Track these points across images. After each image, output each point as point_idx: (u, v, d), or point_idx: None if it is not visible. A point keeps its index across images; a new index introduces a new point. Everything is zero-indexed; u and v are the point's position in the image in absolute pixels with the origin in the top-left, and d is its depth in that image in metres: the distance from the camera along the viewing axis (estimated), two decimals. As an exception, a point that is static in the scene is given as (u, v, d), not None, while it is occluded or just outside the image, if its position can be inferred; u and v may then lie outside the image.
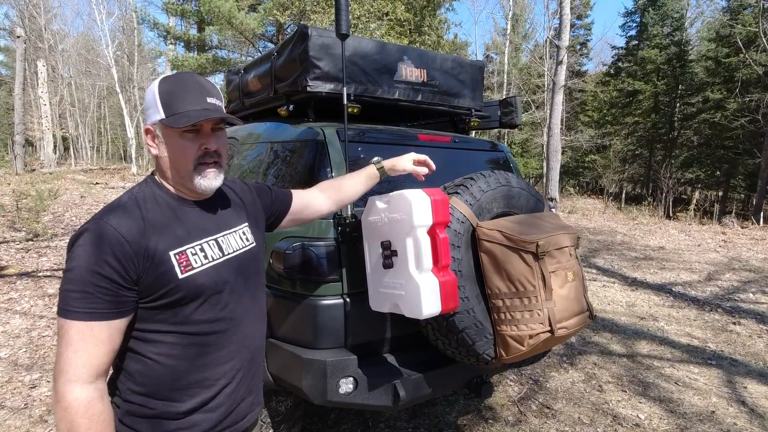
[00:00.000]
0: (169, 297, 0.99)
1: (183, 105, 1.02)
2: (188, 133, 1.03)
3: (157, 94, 1.03)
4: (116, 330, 0.96)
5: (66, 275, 0.94)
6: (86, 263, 0.92)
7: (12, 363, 3.30)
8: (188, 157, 1.04)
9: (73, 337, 0.91)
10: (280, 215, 1.41)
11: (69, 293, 0.92)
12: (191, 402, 1.04)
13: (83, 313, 0.92)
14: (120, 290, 0.94)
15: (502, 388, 3.22)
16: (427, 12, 14.84)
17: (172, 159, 1.05)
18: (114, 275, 0.93)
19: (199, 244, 1.06)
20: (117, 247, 0.93)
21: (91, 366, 0.92)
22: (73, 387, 0.90)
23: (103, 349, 0.93)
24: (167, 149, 1.05)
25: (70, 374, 0.90)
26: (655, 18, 22.99)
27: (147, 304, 0.99)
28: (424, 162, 1.65)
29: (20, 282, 5.01)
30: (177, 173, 1.06)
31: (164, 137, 1.05)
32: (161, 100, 1.02)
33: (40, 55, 21.95)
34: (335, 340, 1.91)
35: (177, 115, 1.01)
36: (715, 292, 5.90)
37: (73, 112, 29.97)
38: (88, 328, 0.92)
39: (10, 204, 8.04)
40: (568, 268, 1.87)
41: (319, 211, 1.52)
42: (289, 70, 2.42)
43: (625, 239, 9.99)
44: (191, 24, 21.24)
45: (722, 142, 19.27)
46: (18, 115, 16.41)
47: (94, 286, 0.92)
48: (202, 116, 1.01)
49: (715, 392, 3.27)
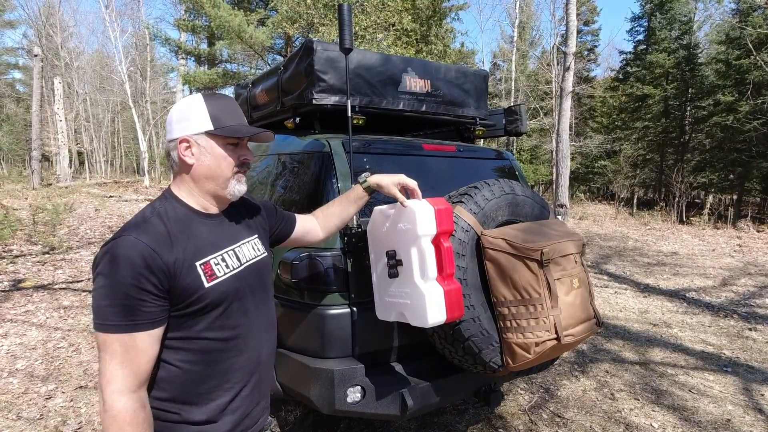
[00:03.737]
0: (195, 305, 1.05)
1: (230, 120, 1.13)
2: (231, 145, 1.13)
3: (203, 106, 1.11)
4: (156, 338, 1.01)
5: (100, 291, 0.97)
6: (122, 278, 0.96)
7: (28, 374, 3.36)
8: (230, 165, 1.14)
9: (117, 350, 0.96)
10: (282, 236, 1.48)
11: (107, 308, 0.96)
12: (212, 405, 1.09)
13: (125, 325, 0.96)
14: (157, 300, 0.99)
15: (513, 396, 3.20)
16: (433, 22, 14.96)
17: (214, 167, 1.12)
18: (150, 287, 0.98)
19: (221, 254, 1.12)
20: (150, 260, 0.98)
21: (135, 375, 0.97)
22: (121, 397, 0.95)
23: (145, 358, 0.99)
24: (210, 158, 1.12)
25: (118, 384, 0.95)
26: (663, 22, 22.87)
27: (175, 312, 1.04)
28: (412, 190, 1.56)
29: (36, 294, 5.11)
30: (213, 181, 1.13)
31: (208, 147, 1.11)
32: (210, 113, 1.11)
33: (56, 72, 22.54)
34: (343, 350, 1.92)
35: (229, 127, 1.12)
36: (731, 298, 5.79)
37: (88, 127, 30.64)
38: (132, 340, 0.97)
39: (27, 218, 8.22)
40: (573, 275, 1.87)
41: (317, 238, 1.59)
42: (295, 84, 2.47)
43: (637, 245, 9.87)
44: (202, 39, 21.64)
45: (735, 145, 18.95)
46: (35, 131, 16.83)
47: (133, 299, 0.96)
48: (252, 131, 1.14)
49: (730, 400, 3.21)
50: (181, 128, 1.11)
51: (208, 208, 1.16)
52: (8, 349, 3.76)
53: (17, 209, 9.28)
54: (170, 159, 1.15)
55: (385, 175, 1.58)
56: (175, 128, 1.11)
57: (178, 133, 1.11)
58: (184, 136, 1.10)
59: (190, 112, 1.11)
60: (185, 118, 1.11)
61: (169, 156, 1.15)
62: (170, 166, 1.16)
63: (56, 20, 23.83)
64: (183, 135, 1.10)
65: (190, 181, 1.13)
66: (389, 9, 12.21)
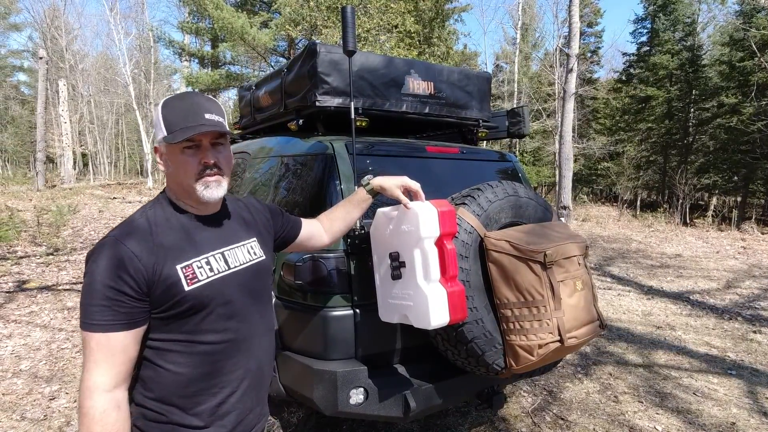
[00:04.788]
0: (176, 308, 1.05)
1: (181, 122, 1.06)
2: (188, 149, 1.08)
3: (160, 113, 1.09)
4: (132, 340, 1.01)
5: (83, 289, 1.00)
6: (102, 278, 0.98)
7: (32, 375, 3.37)
8: (189, 172, 1.08)
9: (93, 348, 0.97)
10: (288, 240, 1.47)
11: (88, 307, 0.98)
12: (199, 409, 1.09)
13: (101, 325, 0.98)
14: (133, 302, 1.00)
15: (516, 398, 3.19)
16: (436, 23, 14.96)
17: (176, 174, 1.10)
18: (127, 288, 0.99)
19: (206, 258, 1.11)
20: (129, 262, 1.00)
21: (109, 375, 0.98)
22: (92, 394, 0.96)
23: (120, 359, 0.99)
24: (172, 165, 1.10)
25: (89, 383, 0.96)
26: (666, 24, 22.80)
27: (157, 314, 1.05)
28: (415, 192, 1.57)
29: (41, 296, 5.14)
30: (182, 187, 1.11)
31: (168, 154, 1.10)
32: (164, 119, 1.08)
33: (61, 74, 22.66)
34: (345, 351, 1.92)
35: (175, 132, 1.06)
36: (735, 300, 5.76)
37: (92, 128, 30.79)
38: (106, 339, 0.98)
39: (31, 219, 8.27)
40: (576, 277, 1.86)
41: (322, 243, 1.58)
42: (298, 86, 2.48)
43: (640, 247, 9.83)
44: (205, 41, 21.74)
45: (739, 147, 18.85)
46: (40, 132, 16.93)
47: (110, 300, 0.98)
48: (196, 131, 1.05)
49: (735, 403, 3.19)
50: (155, 135, 1.13)
51: (197, 209, 1.15)
52: (12, 350, 3.78)
53: (22, 211, 9.33)
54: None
55: (388, 177, 1.58)
56: (155, 135, 1.14)
57: (156, 140, 1.14)
58: (155, 144, 1.13)
59: (154, 119, 1.12)
60: (154, 125, 1.13)
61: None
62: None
63: (61, 23, 23.96)
64: (156, 143, 1.13)
65: (172, 185, 1.14)
66: (392, 11, 12.24)
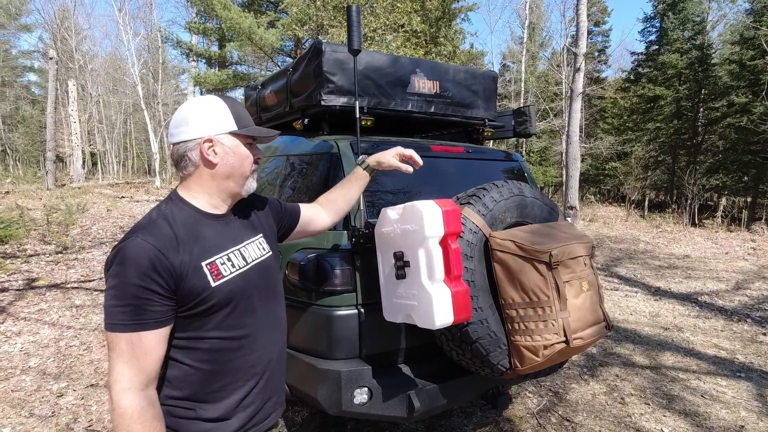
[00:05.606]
0: (204, 304, 1.06)
1: (248, 121, 1.19)
2: (247, 144, 1.19)
3: (228, 108, 1.15)
4: (162, 338, 1.02)
5: (110, 292, 0.99)
6: (131, 278, 0.98)
7: (41, 372, 3.41)
8: (251, 164, 1.20)
9: (124, 349, 0.97)
10: (289, 228, 1.48)
11: (115, 308, 0.98)
12: (225, 402, 1.11)
13: (132, 325, 0.98)
14: (163, 300, 1.01)
15: (521, 399, 3.17)
16: (442, 23, 14.93)
17: (237, 165, 1.16)
18: (156, 287, 0.99)
19: (226, 254, 1.13)
20: (156, 261, 1.00)
21: (142, 374, 0.98)
22: (128, 395, 0.96)
23: (151, 357, 1.00)
24: (234, 157, 1.15)
25: (124, 383, 0.97)
26: (676, 22, 22.58)
27: (183, 312, 1.05)
28: (410, 157, 1.62)
29: (49, 293, 5.19)
30: (233, 179, 1.16)
31: (233, 146, 1.15)
32: (233, 114, 1.15)
33: (70, 74, 22.87)
34: (350, 351, 1.92)
35: (250, 128, 1.18)
36: (744, 302, 5.70)
37: (101, 128, 31.06)
38: (138, 339, 0.98)
39: (41, 218, 8.36)
40: (582, 277, 1.85)
41: (324, 224, 1.58)
42: (304, 85, 2.48)
43: (648, 248, 9.75)
44: (212, 41, 21.86)
45: (749, 147, 18.62)
46: (50, 132, 17.10)
47: (140, 299, 0.98)
48: (271, 132, 1.23)
49: (744, 406, 3.15)
50: (203, 128, 1.11)
51: (218, 207, 1.17)
52: (21, 347, 3.82)
53: (31, 209, 9.44)
54: (184, 160, 1.12)
55: (382, 152, 1.61)
56: (192, 129, 1.11)
57: (199, 132, 1.11)
58: (209, 135, 1.11)
59: (211, 113, 1.12)
60: (206, 118, 1.12)
61: (184, 157, 1.12)
62: (182, 167, 1.14)
63: (71, 24, 24.20)
64: (207, 135, 1.11)
65: (210, 179, 1.14)
66: (399, 10, 12.23)
